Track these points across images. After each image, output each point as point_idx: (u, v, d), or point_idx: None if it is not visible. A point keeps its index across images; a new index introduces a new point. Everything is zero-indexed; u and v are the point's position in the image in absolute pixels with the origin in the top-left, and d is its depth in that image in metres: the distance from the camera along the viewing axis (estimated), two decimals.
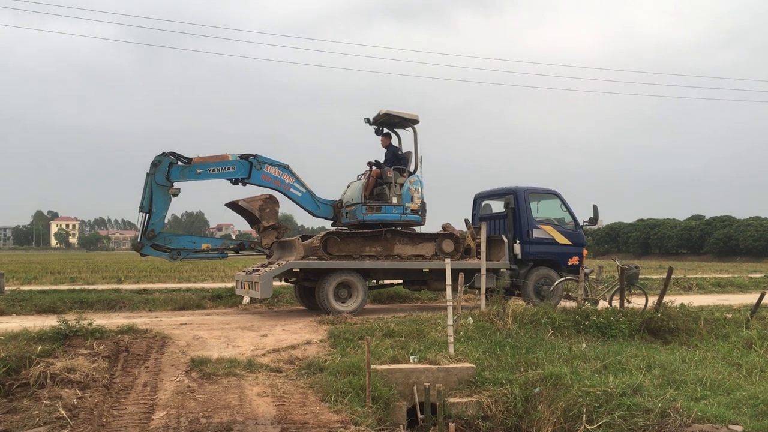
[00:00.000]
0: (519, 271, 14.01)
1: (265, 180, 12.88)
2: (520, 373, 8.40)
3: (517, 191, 14.39)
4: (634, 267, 13.24)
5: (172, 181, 12.16)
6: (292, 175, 13.13)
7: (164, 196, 12.13)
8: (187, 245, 12.61)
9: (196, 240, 12.89)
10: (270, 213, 12.76)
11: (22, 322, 10.66)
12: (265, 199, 12.80)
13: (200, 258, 13.02)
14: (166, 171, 12.10)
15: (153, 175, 12.06)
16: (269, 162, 12.92)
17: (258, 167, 12.79)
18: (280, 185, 13.01)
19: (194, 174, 12.35)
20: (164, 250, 12.32)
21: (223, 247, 13.03)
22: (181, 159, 12.29)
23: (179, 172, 12.21)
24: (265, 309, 14.38)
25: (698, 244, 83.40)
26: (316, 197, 13.51)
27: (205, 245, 12.79)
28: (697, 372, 8.15)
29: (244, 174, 12.72)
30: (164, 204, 12.18)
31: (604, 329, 10.47)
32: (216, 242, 13.13)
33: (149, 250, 12.22)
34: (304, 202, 13.31)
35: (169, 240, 12.37)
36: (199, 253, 12.77)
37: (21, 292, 15.36)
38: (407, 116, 13.50)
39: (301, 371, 8.25)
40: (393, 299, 15.86)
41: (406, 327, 10.18)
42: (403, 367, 8.28)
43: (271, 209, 12.79)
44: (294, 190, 13.14)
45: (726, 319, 11.80)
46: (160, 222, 12.18)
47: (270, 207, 12.78)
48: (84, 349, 8.58)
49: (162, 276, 25.74)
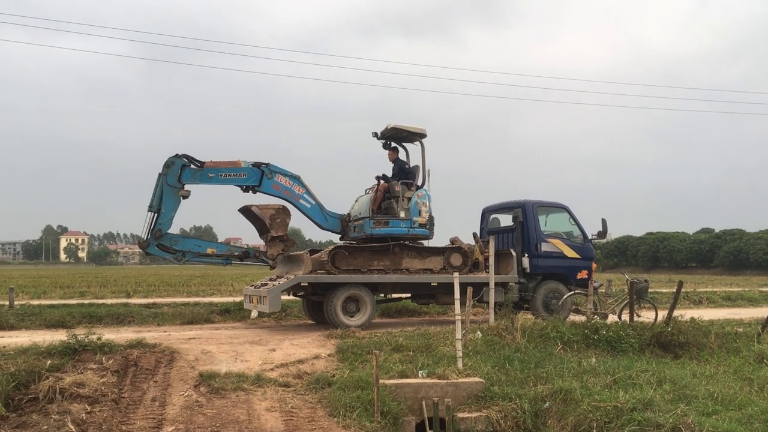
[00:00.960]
0: (528, 285, 13.95)
1: (276, 189, 12.92)
2: (529, 387, 8.35)
3: (525, 205, 14.36)
4: (644, 280, 13.17)
5: (184, 183, 12.23)
6: (302, 186, 13.16)
7: (174, 197, 12.19)
8: (192, 248, 12.59)
9: (201, 244, 12.85)
10: (280, 224, 12.78)
11: (32, 337, 10.70)
12: (278, 209, 12.83)
13: (204, 262, 12.96)
14: (178, 173, 12.17)
15: (165, 175, 12.14)
16: (281, 172, 12.97)
17: (269, 176, 12.84)
18: (290, 195, 13.03)
19: (206, 178, 12.42)
20: (169, 251, 12.31)
21: (227, 254, 12.97)
22: (194, 162, 12.37)
23: (191, 175, 12.28)
24: (274, 323, 14.38)
25: (708, 258, 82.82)
26: (325, 210, 13.52)
27: (211, 250, 12.75)
28: (709, 387, 8.08)
29: (255, 182, 12.77)
30: (173, 205, 12.22)
31: (613, 343, 10.41)
32: (221, 248, 13.06)
33: (154, 249, 12.23)
34: (312, 213, 13.32)
35: (175, 241, 12.38)
36: (204, 257, 12.73)
37: (30, 307, 15.43)
38: (415, 130, 13.52)
39: (310, 386, 8.24)
40: (401, 313, 15.84)
41: (414, 341, 10.14)
42: (412, 382, 8.25)
43: (282, 220, 12.81)
44: (303, 201, 13.16)
45: (737, 333, 11.72)
46: (167, 222, 12.21)
47: (281, 218, 12.80)
48: (93, 363, 8.59)
49: (170, 290, 25.79)
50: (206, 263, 13.11)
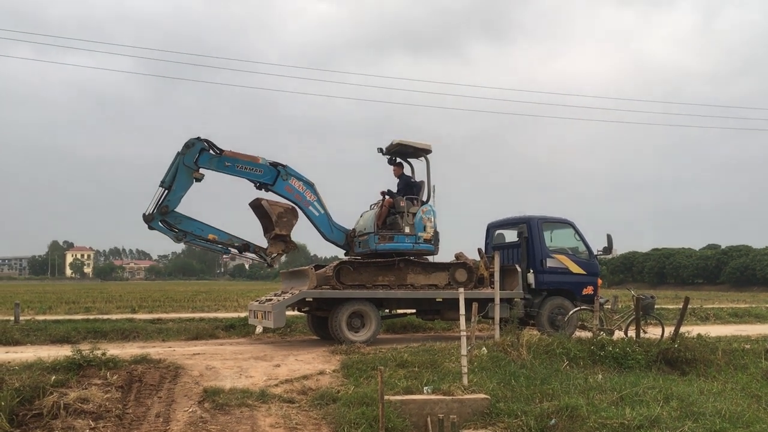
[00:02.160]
0: (533, 300, 13.91)
1: (288, 192, 12.96)
2: (535, 404, 8.29)
3: (530, 220, 14.36)
4: (650, 297, 13.12)
5: (199, 166, 12.33)
6: (314, 194, 13.20)
7: (187, 178, 12.27)
8: (195, 230, 12.51)
9: (205, 228, 12.67)
10: (286, 223, 12.76)
11: (37, 352, 10.70)
12: (288, 208, 12.84)
13: (203, 246, 12.86)
14: (197, 155, 12.27)
15: (183, 155, 12.25)
16: (296, 175, 13.04)
17: (284, 177, 12.90)
18: (301, 200, 13.06)
19: (222, 165, 12.52)
20: (172, 229, 12.31)
21: (228, 242, 12.82)
22: (213, 148, 12.48)
23: (208, 159, 12.39)
24: (278, 339, 14.35)
25: (714, 274, 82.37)
26: (332, 221, 13.54)
27: (212, 236, 12.63)
28: (716, 404, 8.01)
29: (270, 180, 12.82)
30: (185, 185, 12.30)
31: (620, 360, 10.35)
32: (223, 236, 12.82)
33: (158, 224, 12.22)
34: (319, 222, 13.32)
35: (179, 220, 12.35)
36: (204, 241, 12.64)
37: (36, 322, 15.43)
38: (420, 146, 13.56)
39: (314, 402, 8.21)
40: (406, 329, 15.78)
41: (419, 357, 10.11)
42: (417, 398, 8.21)
43: (289, 220, 12.80)
44: (313, 208, 13.19)
45: (744, 349, 11.64)
46: (176, 200, 12.25)
47: (288, 217, 12.79)
48: (97, 379, 8.59)
49: (175, 306, 25.82)
50: (204, 247, 12.97)
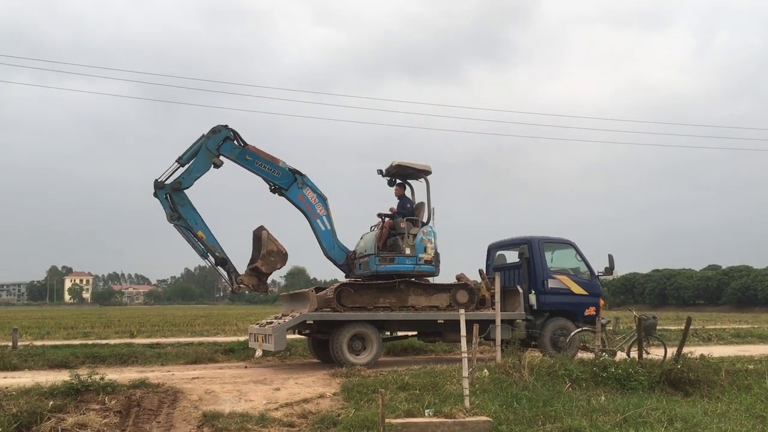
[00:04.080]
0: (535, 321, 13.84)
1: (300, 200, 13.05)
2: (537, 426, 8.20)
3: (531, 241, 14.34)
4: (652, 317, 13.07)
5: (221, 153, 12.48)
6: (325, 209, 13.28)
7: (207, 161, 12.44)
8: (189, 219, 12.42)
9: (199, 223, 12.56)
10: (271, 262, 12.69)
11: (35, 377, 10.62)
12: (281, 251, 12.78)
13: (187, 238, 12.53)
14: (221, 142, 12.46)
15: (208, 138, 12.44)
16: (312, 186, 13.16)
17: (300, 185, 13.02)
18: (311, 211, 13.13)
19: (243, 158, 12.69)
20: (172, 207, 12.29)
21: (211, 248, 12.59)
22: (238, 139, 12.67)
23: (230, 149, 12.57)
24: (278, 362, 14.25)
25: (716, 295, 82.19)
26: (336, 239, 13.54)
27: (201, 234, 12.51)
28: (720, 425, 7.93)
29: (285, 185, 12.94)
30: (203, 167, 12.45)
31: (623, 381, 10.26)
32: (210, 240, 12.62)
33: (162, 195, 12.26)
34: (324, 237, 13.33)
35: (183, 203, 12.38)
36: (191, 234, 12.46)
37: (34, 347, 15.36)
38: (420, 167, 13.60)
39: (315, 425, 8.12)
40: (407, 351, 15.70)
41: (420, 379, 10.03)
42: (418, 421, 8.12)
43: (275, 261, 12.73)
44: (320, 222, 13.23)
45: (747, 370, 11.56)
46: (190, 181, 12.37)
47: (276, 258, 12.73)
48: (96, 404, 8.51)
49: (174, 330, 25.70)
50: (187, 240, 12.60)
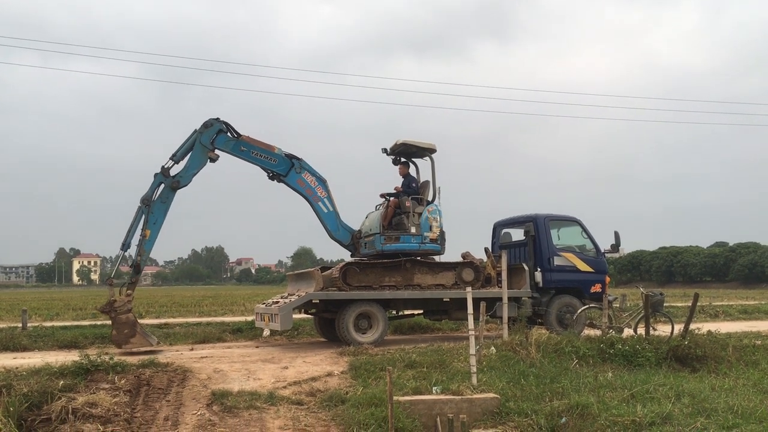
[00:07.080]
0: (541, 299, 13.83)
1: (300, 185, 13.07)
2: (545, 403, 8.23)
3: (537, 219, 14.29)
4: (659, 294, 13.02)
5: (215, 147, 12.52)
6: (325, 191, 13.30)
7: (202, 156, 12.50)
8: (151, 218, 12.12)
9: (158, 224, 12.22)
10: (134, 337, 12.04)
11: (44, 358, 10.70)
12: (133, 323, 12.14)
13: (133, 222, 12.17)
14: (214, 136, 12.51)
15: (200, 133, 12.47)
16: (310, 170, 13.17)
17: (298, 170, 13.04)
18: (311, 195, 13.16)
19: (238, 150, 12.71)
20: (155, 200, 12.17)
21: (139, 251, 12.13)
22: (231, 131, 12.68)
23: (225, 141, 12.61)
24: (286, 341, 14.32)
25: (723, 272, 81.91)
26: (340, 220, 13.54)
27: (148, 233, 12.12)
28: (728, 400, 7.94)
29: (283, 171, 12.97)
30: (199, 162, 12.51)
31: (630, 357, 10.27)
32: (150, 243, 12.15)
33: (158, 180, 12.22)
34: (327, 219, 13.34)
35: (165, 200, 12.30)
36: (142, 224, 12.16)
37: (43, 328, 15.45)
38: (424, 145, 13.52)
39: (323, 403, 8.17)
40: (414, 330, 15.73)
41: (427, 357, 10.06)
42: (426, 398, 8.16)
43: (139, 337, 12.10)
44: (322, 204, 13.25)
45: (755, 345, 11.56)
46: (188, 178, 12.46)
47: (133, 333, 12.05)
48: (105, 383, 8.58)
49: (182, 311, 25.84)
50: (132, 223, 12.19)
